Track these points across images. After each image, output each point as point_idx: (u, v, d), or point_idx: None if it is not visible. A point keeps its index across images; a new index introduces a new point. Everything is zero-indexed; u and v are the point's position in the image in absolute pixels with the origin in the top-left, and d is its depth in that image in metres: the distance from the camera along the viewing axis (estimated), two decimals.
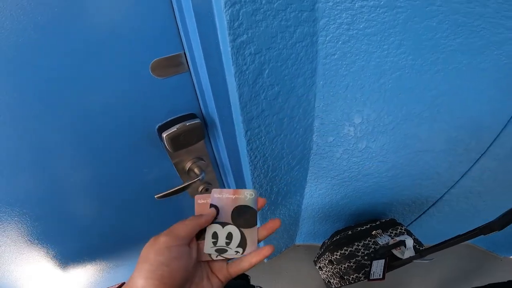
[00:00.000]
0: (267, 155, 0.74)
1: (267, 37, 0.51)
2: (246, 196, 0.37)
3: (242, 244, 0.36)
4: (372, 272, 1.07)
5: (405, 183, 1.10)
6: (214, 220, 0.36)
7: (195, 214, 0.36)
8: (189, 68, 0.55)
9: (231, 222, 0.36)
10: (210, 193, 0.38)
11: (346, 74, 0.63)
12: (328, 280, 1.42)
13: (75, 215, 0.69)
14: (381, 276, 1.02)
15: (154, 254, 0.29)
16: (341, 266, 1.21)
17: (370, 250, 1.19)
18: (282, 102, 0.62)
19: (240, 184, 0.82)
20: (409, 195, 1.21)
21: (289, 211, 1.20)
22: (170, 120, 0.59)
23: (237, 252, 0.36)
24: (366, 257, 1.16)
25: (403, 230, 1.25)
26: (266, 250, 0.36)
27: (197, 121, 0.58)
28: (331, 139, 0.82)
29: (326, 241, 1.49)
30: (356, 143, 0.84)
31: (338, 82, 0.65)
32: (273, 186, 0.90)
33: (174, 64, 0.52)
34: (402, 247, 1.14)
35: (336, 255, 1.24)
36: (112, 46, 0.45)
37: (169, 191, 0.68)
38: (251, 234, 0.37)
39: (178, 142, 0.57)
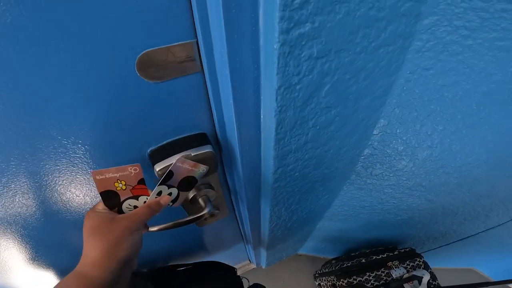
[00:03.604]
0: (296, 190, 0.53)
1: (343, 33, 0.28)
2: (199, 170, 0.37)
3: (174, 200, 0.39)
4: None
5: (445, 220, 0.89)
6: (165, 183, 0.35)
7: (97, 190, 0.32)
8: (202, 67, 0.33)
9: (176, 186, 0.37)
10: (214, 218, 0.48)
11: (435, 98, 0.40)
12: None
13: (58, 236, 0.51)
14: None
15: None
16: None
17: (381, 282, 1.01)
18: (334, 130, 0.40)
19: (254, 215, 0.62)
20: (441, 230, 1.01)
21: (302, 231, 1.01)
22: (167, 144, 0.38)
23: (168, 204, 0.37)
24: None
25: (421, 263, 1.07)
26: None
27: (208, 149, 0.37)
28: (379, 172, 0.60)
29: (333, 260, 1.31)
30: (408, 179, 0.62)
31: (418, 108, 0.42)
32: (293, 216, 0.70)
33: (178, 60, 0.30)
34: (416, 282, 0.97)
35: (343, 282, 1.06)
36: (77, 27, 0.23)
37: (167, 225, 0.48)
38: (183, 195, 0.40)
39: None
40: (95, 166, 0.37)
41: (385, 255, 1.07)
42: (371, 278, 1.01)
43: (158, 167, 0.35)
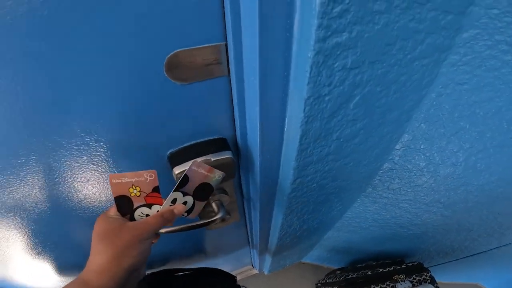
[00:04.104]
0: (310, 200, 0.51)
1: (380, 44, 0.27)
2: (215, 176, 0.35)
3: (189, 211, 0.37)
4: None
5: (458, 236, 0.86)
6: (179, 189, 0.33)
7: (112, 194, 0.31)
8: (228, 72, 0.32)
9: (191, 194, 0.35)
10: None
11: (466, 115, 0.38)
12: None
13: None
14: None
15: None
16: None
17: None
18: (357, 144, 0.39)
19: (265, 222, 0.61)
20: (453, 246, 0.97)
21: (310, 240, 0.98)
22: (187, 147, 0.37)
23: (183, 215, 0.36)
24: None
25: (427, 277, 1.02)
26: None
27: (227, 155, 0.36)
28: (396, 186, 0.58)
29: (338, 271, 1.28)
30: (426, 195, 0.60)
31: (447, 124, 0.41)
32: (304, 225, 0.69)
33: (206, 62, 0.30)
34: None
35: None
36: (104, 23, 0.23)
37: (178, 227, 0.47)
38: (199, 205, 0.38)
39: None
40: (114, 164, 0.37)
41: (392, 268, 1.03)
42: None
43: (177, 170, 0.34)
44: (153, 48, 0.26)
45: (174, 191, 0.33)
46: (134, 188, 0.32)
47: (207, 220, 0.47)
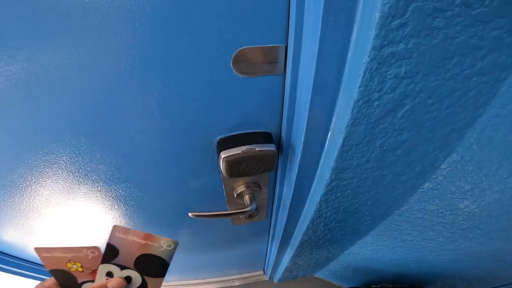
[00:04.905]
0: (341, 208, 0.51)
1: (436, 57, 0.28)
2: (162, 245, 0.30)
3: None
4: None
5: (489, 265, 0.77)
6: (111, 261, 0.29)
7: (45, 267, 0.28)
8: (285, 71, 0.35)
9: (133, 268, 0.29)
10: (251, 219, 0.32)
11: None
12: None
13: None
14: None
15: None
16: None
17: None
18: (400, 155, 0.39)
19: (291, 224, 0.62)
20: (480, 275, 0.87)
21: (329, 252, 0.96)
22: (235, 135, 0.41)
23: None
24: None
25: None
26: None
27: (271, 148, 0.39)
28: (434, 208, 0.55)
29: None
30: (465, 220, 0.56)
31: (501, 147, 0.39)
32: (328, 234, 0.68)
33: (267, 60, 0.33)
34: None
35: None
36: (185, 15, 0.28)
37: (208, 213, 0.51)
38: (155, 284, 0.31)
39: (237, 169, 0.39)
40: (167, 140, 0.41)
41: None
42: None
43: (223, 154, 0.38)
44: (226, 41, 0.30)
45: (102, 263, 0.29)
46: (73, 263, 0.30)
47: (238, 211, 0.51)
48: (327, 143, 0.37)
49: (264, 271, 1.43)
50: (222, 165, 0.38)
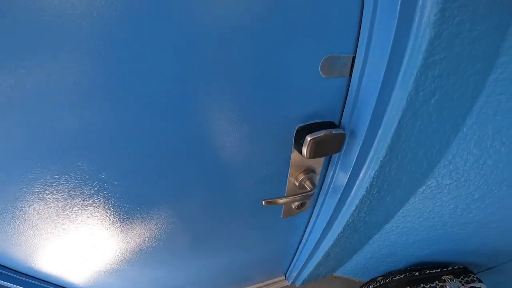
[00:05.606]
0: (385, 184, 0.66)
1: (453, 63, 0.45)
2: None
3: None
4: None
5: (505, 236, 0.92)
6: None
7: None
8: (350, 74, 0.51)
9: None
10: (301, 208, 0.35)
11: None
12: None
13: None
14: None
15: None
16: None
17: None
18: (429, 134, 0.55)
19: (339, 207, 0.74)
20: (499, 248, 1.02)
21: (359, 240, 1.06)
22: (312, 124, 0.55)
23: None
24: None
25: (475, 278, 1.07)
26: None
27: (341, 131, 0.53)
28: (448, 181, 0.71)
29: (380, 278, 1.31)
30: (475, 190, 0.72)
31: (493, 124, 0.56)
32: (367, 215, 0.81)
33: (341, 66, 0.49)
34: None
35: None
36: (294, 30, 0.43)
37: (281, 199, 0.63)
38: None
39: (318, 148, 0.53)
40: (254, 130, 0.54)
41: (439, 270, 1.09)
42: None
43: (310, 137, 0.51)
44: (315, 50, 0.46)
45: None
46: None
47: (303, 193, 0.63)
48: (382, 126, 0.52)
49: (285, 276, 1.48)
50: (308, 146, 0.52)
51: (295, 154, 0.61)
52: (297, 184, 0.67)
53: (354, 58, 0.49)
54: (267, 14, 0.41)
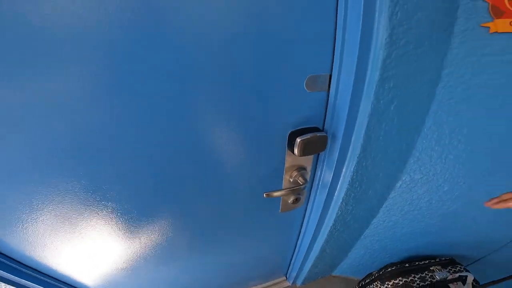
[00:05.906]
0: (364, 178, 0.78)
1: (405, 76, 0.59)
2: None
3: None
4: None
5: (481, 229, 1.02)
6: None
7: None
8: (328, 89, 0.64)
9: None
10: (297, 203, 0.37)
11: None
12: None
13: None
14: None
15: None
16: None
17: (426, 283, 1.12)
18: (394, 135, 0.68)
19: (328, 201, 0.85)
20: (481, 238, 1.11)
21: (350, 235, 1.16)
22: (301, 129, 0.68)
23: None
24: None
25: (462, 268, 1.16)
26: None
27: (324, 134, 0.66)
28: (419, 176, 0.83)
29: (374, 272, 1.39)
30: (444, 182, 0.84)
31: (450, 125, 0.69)
32: (354, 208, 0.92)
33: (320, 82, 0.63)
34: (460, 283, 1.05)
35: (388, 284, 1.17)
36: (285, 54, 0.57)
37: (279, 192, 0.75)
38: None
39: (307, 148, 0.65)
40: (256, 130, 0.67)
41: (428, 261, 1.18)
42: (416, 279, 1.13)
43: (299, 139, 0.64)
44: (301, 71, 0.60)
45: None
46: None
47: (296, 186, 0.75)
48: (355, 128, 0.65)
49: (286, 276, 1.55)
50: (298, 146, 0.64)
51: (288, 154, 0.74)
52: (291, 180, 0.79)
53: (330, 76, 0.63)
54: (264, 48, 0.55)
